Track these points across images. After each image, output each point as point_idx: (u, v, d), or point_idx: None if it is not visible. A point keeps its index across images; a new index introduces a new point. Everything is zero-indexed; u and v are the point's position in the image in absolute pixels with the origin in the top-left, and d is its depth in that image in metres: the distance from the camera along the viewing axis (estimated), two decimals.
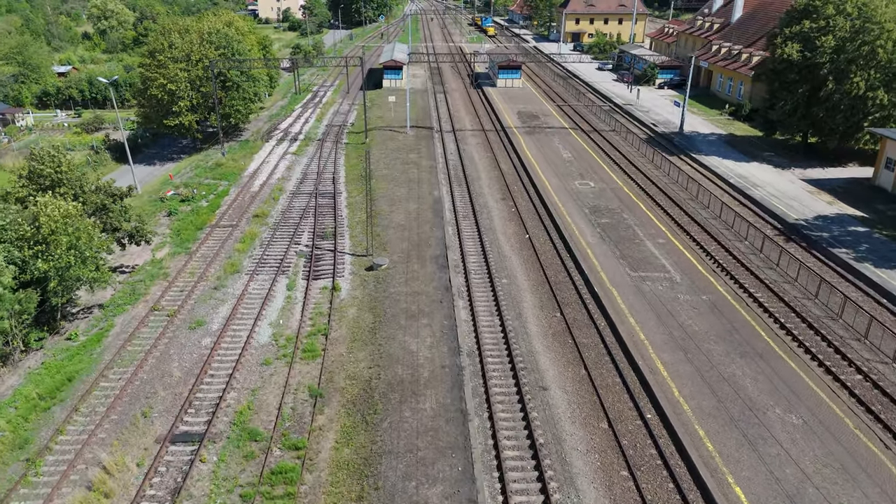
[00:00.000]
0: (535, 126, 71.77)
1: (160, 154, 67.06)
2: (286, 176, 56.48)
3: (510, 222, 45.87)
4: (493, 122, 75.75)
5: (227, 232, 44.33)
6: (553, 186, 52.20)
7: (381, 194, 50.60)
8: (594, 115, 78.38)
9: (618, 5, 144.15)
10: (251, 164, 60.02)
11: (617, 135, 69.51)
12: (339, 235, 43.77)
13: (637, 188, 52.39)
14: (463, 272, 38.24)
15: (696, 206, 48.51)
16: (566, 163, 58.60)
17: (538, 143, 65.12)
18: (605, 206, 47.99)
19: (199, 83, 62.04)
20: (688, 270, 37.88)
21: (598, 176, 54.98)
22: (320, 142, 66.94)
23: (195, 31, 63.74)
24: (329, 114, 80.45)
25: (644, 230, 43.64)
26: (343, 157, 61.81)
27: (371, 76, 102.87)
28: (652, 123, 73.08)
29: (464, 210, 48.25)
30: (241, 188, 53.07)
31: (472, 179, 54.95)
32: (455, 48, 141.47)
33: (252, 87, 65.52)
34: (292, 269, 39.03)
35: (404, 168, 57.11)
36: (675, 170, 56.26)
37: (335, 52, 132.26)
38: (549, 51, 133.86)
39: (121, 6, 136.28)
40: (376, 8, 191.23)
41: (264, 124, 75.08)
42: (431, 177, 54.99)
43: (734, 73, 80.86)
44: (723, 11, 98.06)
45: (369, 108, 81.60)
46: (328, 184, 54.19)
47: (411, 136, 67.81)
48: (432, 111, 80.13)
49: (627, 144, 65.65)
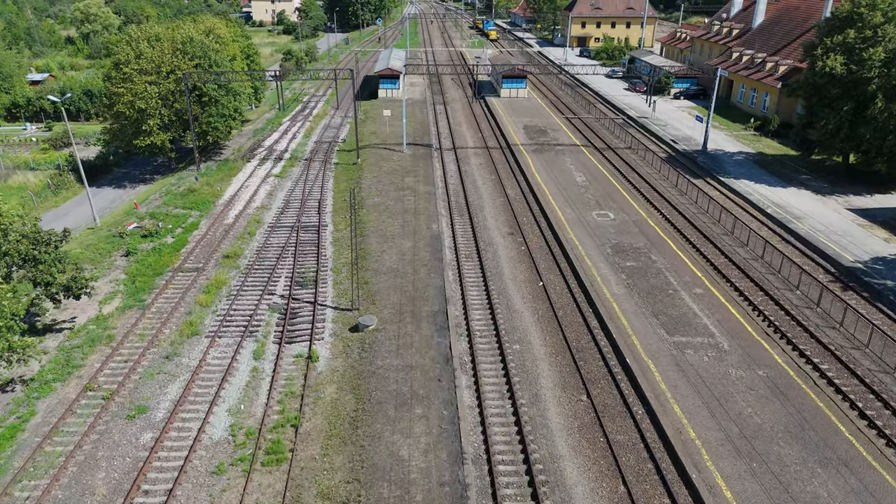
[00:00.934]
0: (544, 143, 65.48)
1: (131, 175, 60.79)
2: (266, 204, 50.19)
3: (520, 264, 39.57)
4: (498, 137, 69.47)
5: (190, 278, 38.02)
6: (567, 218, 45.91)
7: (371, 228, 44.30)
8: (607, 130, 72.10)
9: (625, 8, 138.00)
10: (228, 188, 53.72)
11: (633, 153, 63.24)
12: (322, 282, 37.49)
13: (663, 220, 46.09)
14: (466, 334, 31.95)
15: (733, 244, 42.20)
16: (580, 188, 52.31)
17: (547, 163, 58.82)
18: (629, 244, 41.67)
19: (171, 98, 55.77)
20: (736, 333, 31.58)
21: (618, 205, 48.69)
22: (307, 161, 60.65)
23: (167, 39, 57.47)
24: (319, 128, 74.18)
25: (677, 277, 37.33)
26: (331, 180, 55.51)
27: (366, 85, 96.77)
28: (671, 140, 66.80)
29: (466, 248, 41.95)
30: (213, 220, 46.78)
31: (475, 208, 48.67)
32: (456, 54, 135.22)
33: (232, 103, 59.21)
34: (263, 329, 32.74)
35: (399, 195, 50.81)
36: (702, 196, 49.99)
37: (329, 58, 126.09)
38: (553, 56, 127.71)
39: (105, 9, 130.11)
40: (374, 11, 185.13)
41: (247, 140, 68.81)
42: (429, 206, 48.69)
43: (758, 83, 74.60)
44: (742, 16, 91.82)
45: (363, 121, 75.35)
46: (312, 213, 47.91)
47: (408, 155, 61.53)
48: (431, 125, 73.84)
49: (646, 165, 59.36)
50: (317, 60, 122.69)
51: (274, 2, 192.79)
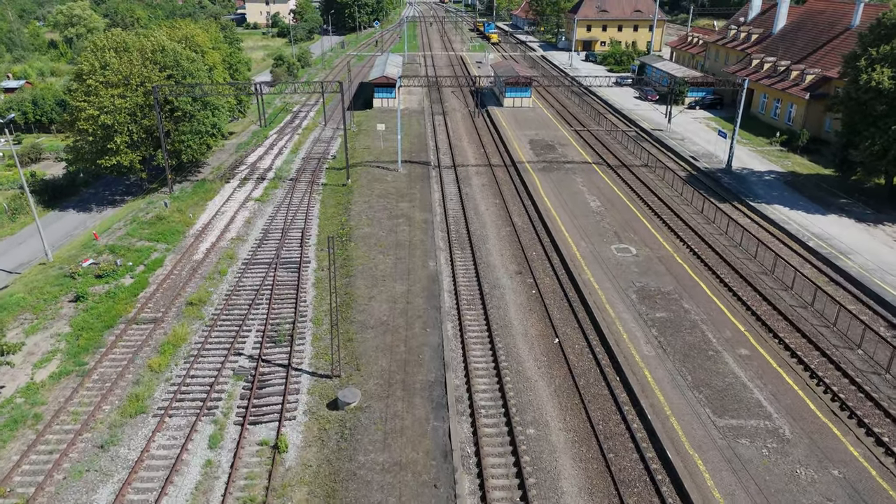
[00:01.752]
0: (552, 160, 59.89)
1: (100, 196, 55.17)
2: (242, 234, 44.59)
3: (531, 314, 33.96)
4: (501, 153, 63.88)
5: (145, 333, 32.43)
6: (582, 253, 40.33)
7: (359, 267, 38.70)
8: (619, 145, 66.51)
9: (633, 11, 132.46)
10: (202, 215, 48.12)
11: (651, 172, 57.67)
12: (299, 336, 31.92)
13: (691, 256, 40.49)
14: (469, 413, 26.36)
15: (774, 286, 36.62)
16: (595, 215, 46.73)
17: (557, 184, 53.24)
18: (656, 287, 36.07)
19: (140, 114, 50.19)
20: (797, 412, 26.00)
21: (639, 236, 43.09)
22: (292, 182, 55.04)
23: (136, 48, 51.90)
24: (308, 142, 68.59)
25: (716, 331, 31.74)
26: (318, 205, 49.93)
27: (361, 92, 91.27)
28: (690, 156, 61.22)
29: (468, 292, 36.35)
30: (180, 255, 41.18)
31: (477, 240, 43.09)
32: (456, 58, 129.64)
33: (209, 118, 53.57)
34: (224, 404, 27.15)
35: (392, 224, 45.21)
36: (732, 225, 44.44)
37: (323, 63, 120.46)
38: (558, 60, 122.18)
39: (89, 11, 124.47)
40: (371, 13, 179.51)
41: (229, 157, 63.20)
42: (426, 237, 43.10)
43: (783, 93, 69.03)
44: (761, 20, 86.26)
45: (356, 134, 69.76)
46: (294, 246, 42.32)
47: (403, 175, 55.93)
48: (429, 139, 68.25)
49: (666, 186, 53.79)
50: (310, 66, 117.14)
51: (268, 3, 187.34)
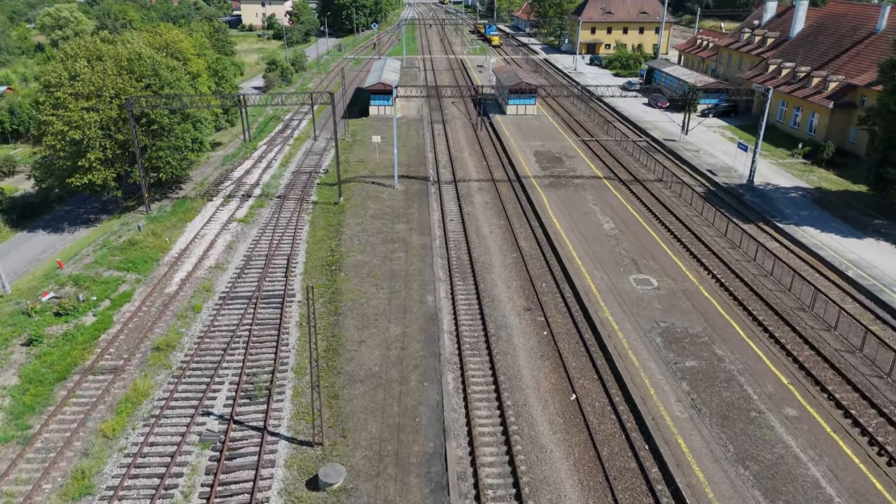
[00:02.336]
0: (560, 174, 55.82)
1: (73, 214, 51.08)
2: (222, 262, 40.52)
3: (543, 362, 29.90)
4: (505, 166, 59.82)
5: (102, 386, 28.37)
6: (598, 285, 36.27)
7: (349, 303, 34.63)
8: (630, 157, 62.45)
9: (638, 13, 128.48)
10: (180, 238, 44.04)
11: (666, 187, 53.62)
12: (278, 390, 27.88)
13: (719, 289, 36.40)
14: (475, 496, 22.29)
15: (815, 325, 32.57)
16: (609, 238, 42.67)
17: (566, 202, 49.20)
18: (683, 328, 32.00)
19: (113, 128, 46.15)
20: (862, 495, 21.92)
21: (659, 264, 39.02)
22: (280, 200, 50.98)
23: (111, 56, 47.88)
24: (299, 153, 64.50)
25: (756, 385, 27.68)
26: (307, 226, 45.88)
27: (357, 99, 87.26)
28: (707, 170, 57.17)
29: (472, 334, 32.29)
30: (152, 287, 37.10)
31: (481, 269, 39.02)
32: (456, 62, 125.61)
33: (189, 132, 49.49)
34: (185, 482, 23.08)
35: (387, 250, 41.14)
36: (761, 251, 40.44)
37: (319, 67, 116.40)
38: (562, 64, 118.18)
39: (78, 13, 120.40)
40: (369, 14, 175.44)
41: (214, 171, 59.11)
42: (424, 266, 39.02)
43: (804, 101, 64.99)
44: (776, 23, 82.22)
45: (350, 146, 65.70)
46: (278, 276, 38.28)
47: (400, 192, 51.86)
48: (428, 150, 64.19)
49: (684, 204, 49.73)
50: (305, 70, 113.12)
51: (264, 5, 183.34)
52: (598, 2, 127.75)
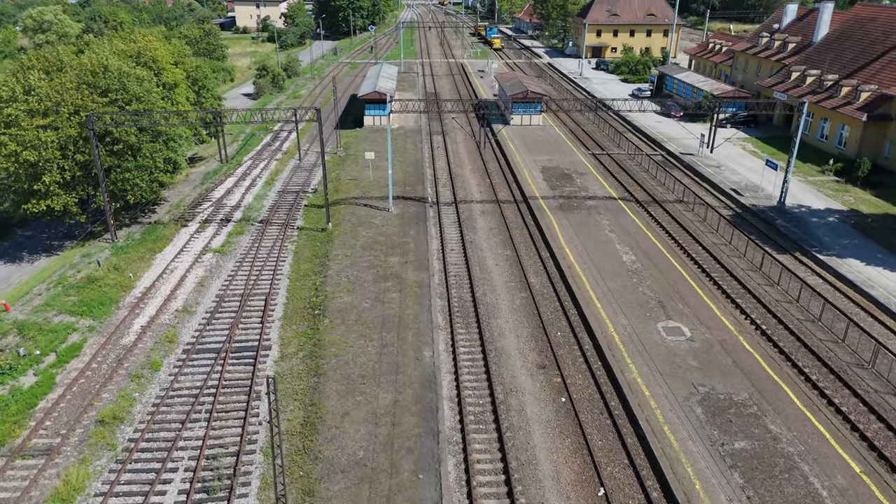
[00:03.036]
0: (570, 195, 50.88)
1: (35, 241, 46.06)
2: (191, 303, 35.58)
3: (563, 441, 24.95)
4: (510, 184, 54.89)
5: (29, 476, 23.42)
6: (621, 335, 31.34)
7: (332, 360, 29.68)
8: (646, 173, 57.53)
9: (646, 15, 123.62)
10: (146, 273, 39.09)
11: (687, 209, 48.73)
12: (242, 479, 22.93)
13: (762, 340, 31.45)
14: None
15: (881, 389, 27.64)
16: (630, 274, 37.73)
17: (579, 228, 44.28)
18: (726, 394, 27.05)
19: (73, 148, 41.22)
20: None
21: (690, 307, 34.08)
22: (262, 225, 46.04)
23: (73, 67, 42.98)
24: (287, 169, 59.53)
25: (823, 475, 22.73)
26: (290, 257, 40.96)
27: (352, 107, 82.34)
28: (732, 189, 52.27)
29: (476, 401, 27.35)
30: (107, 337, 32.18)
31: (486, 312, 34.09)
32: (456, 66, 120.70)
33: (162, 151, 44.51)
34: None
35: (379, 289, 36.18)
36: (804, 289, 35.49)
37: (313, 73, 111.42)
38: (566, 69, 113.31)
39: (62, 16, 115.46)
40: (366, 16, 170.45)
41: (193, 190, 54.14)
42: (421, 309, 34.07)
43: (833, 113, 60.06)
44: (797, 27, 77.30)
45: (342, 161, 60.74)
46: (253, 322, 33.35)
47: (394, 217, 46.91)
48: (426, 166, 59.24)
49: (709, 230, 44.81)
50: (298, 75, 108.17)
51: (259, 6, 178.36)
52: (604, 3, 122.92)
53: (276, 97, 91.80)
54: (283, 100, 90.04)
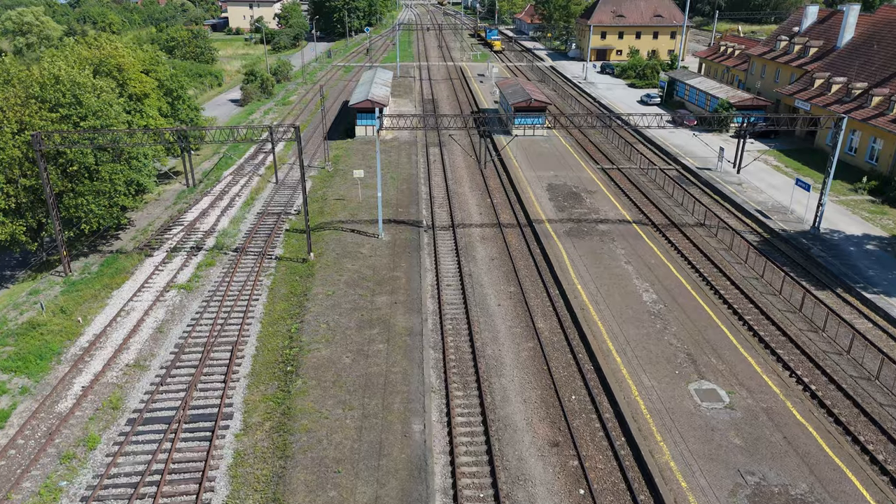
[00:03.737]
0: (580, 218, 46.03)
1: None
2: (146, 355, 30.69)
3: None
4: (513, 204, 50.04)
5: None
6: (647, 399, 26.48)
7: (303, 437, 24.75)
8: (661, 191, 52.70)
9: (652, 16, 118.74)
10: (98, 316, 34.17)
11: (710, 234, 43.90)
12: None
13: (814, 405, 26.54)
14: None
15: None
16: (652, 318, 32.87)
17: (590, 258, 39.43)
18: (781, 487, 22.15)
19: (17, 171, 36.34)
20: None
21: (725, 362, 29.20)
22: (237, 254, 41.14)
23: (22, 80, 38.10)
24: (270, 187, 54.61)
25: None
26: (264, 295, 36.09)
27: (343, 116, 77.50)
28: (756, 210, 47.44)
29: (477, 493, 22.45)
30: (41, 401, 27.30)
31: (488, 369, 29.23)
32: (455, 70, 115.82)
33: (122, 173, 39.57)
34: None
35: (363, 338, 31.29)
36: (854, 337, 30.64)
37: (304, 77, 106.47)
38: (570, 73, 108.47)
39: (44, 17, 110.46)
40: (363, 17, 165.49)
41: (164, 211, 49.23)
42: (411, 365, 29.19)
43: (862, 124, 55.21)
44: (819, 30, 72.43)
45: (330, 177, 55.86)
46: (215, 382, 28.48)
47: (385, 245, 42.04)
48: (421, 184, 54.36)
49: (737, 261, 39.97)
50: (289, 80, 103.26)
51: (252, 7, 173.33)
52: (609, 4, 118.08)
53: (265, 104, 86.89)
54: (272, 106, 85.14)
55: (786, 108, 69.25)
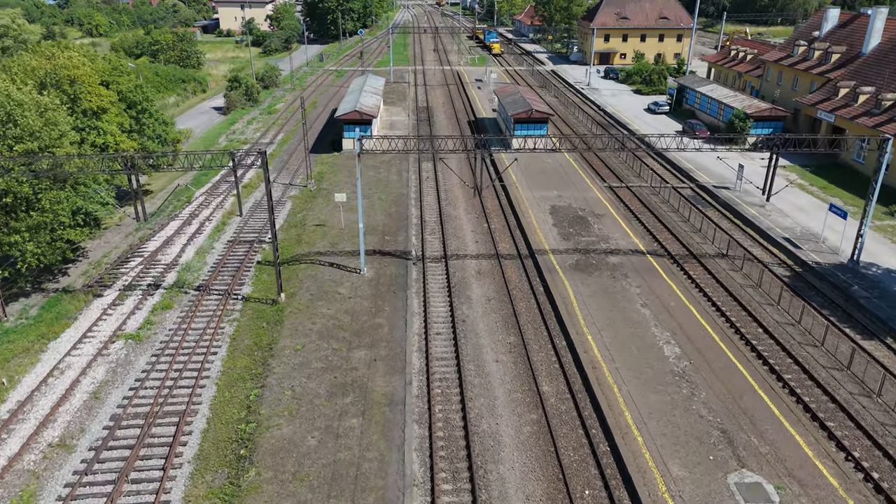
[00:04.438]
0: (588, 247, 41.09)
1: None
2: (73, 432, 25.67)
3: None
4: (513, 230, 45.10)
5: None
6: (676, 500, 21.50)
7: None
8: (676, 214, 47.78)
9: (658, 18, 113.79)
10: (27, 376, 29.14)
11: (735, 269, 38.97)
12: None
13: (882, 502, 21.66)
14: None
15: None
16: (677, 380, 27.91)
17: (602, 300, 34.49)
18: None
19: None
20: None
21: (770, 444, 24.21)
22: (199, 292, 36.16)
23: None
24: (245, 209, 49.55)
25: None
26: (224, 346, 31.10)
27: (330, 127, 72.54)
28: (784, 238, 42.53)
29: None
30: None
31: (483, 453, 24.25)
32: (452, 74, 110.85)
33: (66, 202, 34.52)
34: None
35: (333, 409, 26.28)
36: None
37: (294, 83, 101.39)
38: (573, 78, 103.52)
39: (21, 20, 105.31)
40: (358, 19, 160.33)
41: (123, 239, 44.15)
42: (389, 449, 24.18)
43: None
44: (840, 35, 67.46)
45: (311, 198, 50.88)
46: (153, 469, 23.50)
47: (367, 283, 37.05)
48: (411, 205, 49.40)
49: (767, 301, 35.04)
50: (277, 86, 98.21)
51: (243, 8, 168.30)
52: (613, 6, 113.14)
53: (249, 112, 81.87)
54: (256, 115, 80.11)
55: (806, 120, 64.35)
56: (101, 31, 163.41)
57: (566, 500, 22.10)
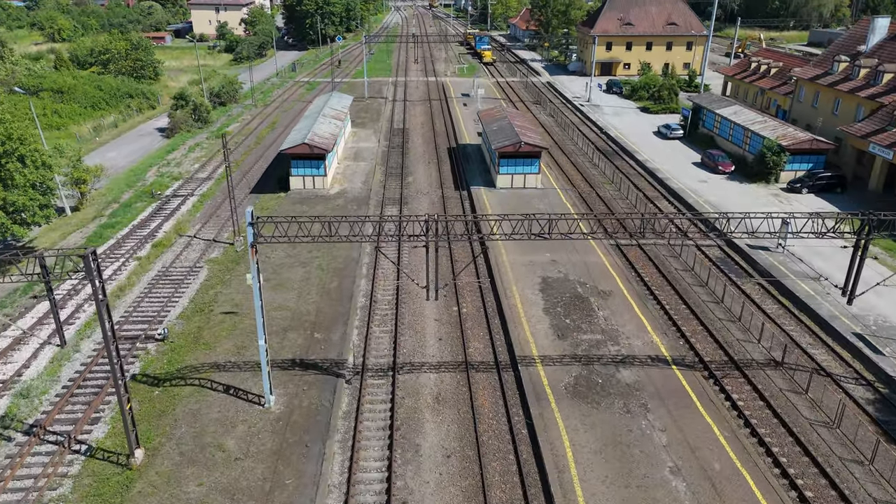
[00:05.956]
0: (590, 353, 29.76)
1: None
2: None
3: None
4: (489, 319, 33.73)
5: None
6: None
7: None
8: (704, 289, 36.56)
9: (665, 24, 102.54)
10: None
11: (796, 390, 27.72)
12: None
13: None
14: None
15: None
16: None
17: (610, 454, 23.24)
18: None
19: None
20: None
21: None
22: (27, 438, 24.72)
23: None
24: (141, 283, 38.06)
25: None
26: None
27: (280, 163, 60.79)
28: (856, 334, 31.22)
29: None
30: None
31: None
32: (437, 87, 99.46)
33: None
34: None
35: None
36: None
37: (255, 99, 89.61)
38: (570, 91, 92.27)
39: None
40: (340, 23, 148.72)
41: None
42: None
43: None
44: (892, 50, 56.12)
45: (234, 264, 39.43)
46: None
47: (270, 426, 25.63)
48: (361, 279, 37.99)
49: (854, 459, 23.79)
50: (236, 102, 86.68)
51: (218, 11, 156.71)
52: (616, 11, 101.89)
53: (195, 135, 70.38)
54: (202, 140, 68.65)
55: (852, 153, 53.19)
56: (65, 35, 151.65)
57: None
